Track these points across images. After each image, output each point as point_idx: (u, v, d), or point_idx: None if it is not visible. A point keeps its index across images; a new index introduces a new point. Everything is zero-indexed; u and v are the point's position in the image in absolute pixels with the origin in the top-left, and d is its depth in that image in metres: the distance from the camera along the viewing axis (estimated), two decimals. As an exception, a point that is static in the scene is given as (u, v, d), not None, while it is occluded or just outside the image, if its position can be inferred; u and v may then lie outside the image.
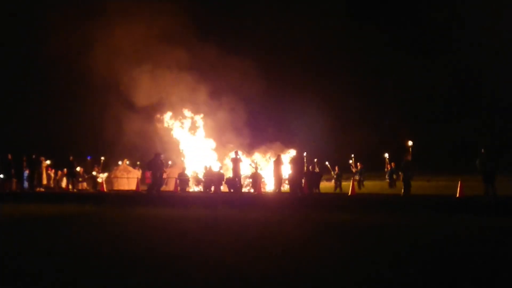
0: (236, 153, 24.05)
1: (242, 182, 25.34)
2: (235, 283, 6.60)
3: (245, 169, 27.48)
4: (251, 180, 26.01)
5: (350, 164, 30.65)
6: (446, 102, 61.36)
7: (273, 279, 6.79)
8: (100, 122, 41.59)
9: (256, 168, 25.39)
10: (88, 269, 7.47)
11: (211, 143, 32.03)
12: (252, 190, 25.72)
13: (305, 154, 25.73)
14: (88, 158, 28.89)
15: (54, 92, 47.67)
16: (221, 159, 30.59)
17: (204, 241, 9.74)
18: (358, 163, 29.23)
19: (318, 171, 26.41)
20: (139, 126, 32.33)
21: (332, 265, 7.59)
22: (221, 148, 31.67)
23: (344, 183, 27.69)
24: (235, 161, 23.27)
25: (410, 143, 25.41)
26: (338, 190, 25.82)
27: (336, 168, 27.54)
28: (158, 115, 32.90)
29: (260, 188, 23.90)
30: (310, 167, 26.08)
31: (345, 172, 29.86)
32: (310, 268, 7.38)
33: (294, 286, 6.49)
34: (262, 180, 26.27)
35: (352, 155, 30.28)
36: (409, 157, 22.19)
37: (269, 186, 26.78)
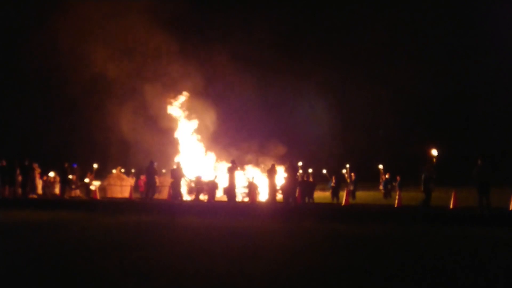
0: (233, 162, 23.99)
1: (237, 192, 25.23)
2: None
3: (241, 179, 27.45)
4: (247, 189, 25.96)
5: (344, 174, 30.59)
6: (441, 113, 61.49)
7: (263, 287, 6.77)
8: (93, 127, 41.79)
9: (252, 178, 25.34)
10: (78, 277, 7.42)
11: (210, 155, 31.99)
12: (246, 200, 25.68)
13: (300, 163, 25.69)
14: (74, 166, 28.62)
15: (48, 99, 47.73)
16: (217, 168, 30.54)
17: (195, 250, 9.71)
18: (352, 173, 29.19)
19: (312, 180, 26.40)
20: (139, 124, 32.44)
21: (324, 275, 7.57)
22: (222, 156, 31.60)
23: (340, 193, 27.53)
24: (231, 170, 23.21)
25: (434, 152, 24.79)
26: (335, 201, 25.69)
27: (333, 178, 27.44)
28: (171, 99, 32.82)
29: (254, 197, 23.85)
30: (304, 176, 26.08)
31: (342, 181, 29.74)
32: (302, 278, 7.36)
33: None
34: (257, 189, 26.19)
35: (347, 165, 30.25)
36: (431, 167, 21.47)
37: (263, 195, 26.69)
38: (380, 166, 30.05)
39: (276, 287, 6.86)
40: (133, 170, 35.73)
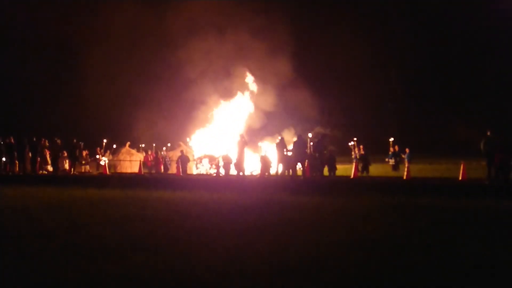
0: (241, 136, 23.90)
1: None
2: (235, 265, 6.59)
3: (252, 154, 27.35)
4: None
5: (350, 147, 30.02)
6: (451, 87, 60.72)
7: (273, 261, 6.79)
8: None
9: (265, 153, 25.18)
10: (88, 250, 7.48)
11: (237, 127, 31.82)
12: (254, 173, 25.68)
13: (310, 135, 25.33)
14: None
15: (59, 75, 47.92)
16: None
17: (203, 224, 9.75)
18: (361, 146, 28.68)
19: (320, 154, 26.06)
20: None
21: (331, 248, 7.59)
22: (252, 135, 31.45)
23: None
24: (240, 144, 23.13)
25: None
26: (365, 174, 25.26)
27: (361, 148, 26.87)
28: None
29: (263, 171, 23.77)
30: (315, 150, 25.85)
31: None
32: (308, 252, 7.38)
33: (292, 268, 6.48)
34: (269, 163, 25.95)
35: (355, 138, 29.84)
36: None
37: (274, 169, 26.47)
38: (391, 139, 29.75)
39: (282, 259, 6.89)
40: (142, 145, 35.75)
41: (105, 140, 30.56)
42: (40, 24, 43.58)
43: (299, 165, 23.01)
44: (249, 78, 33.12)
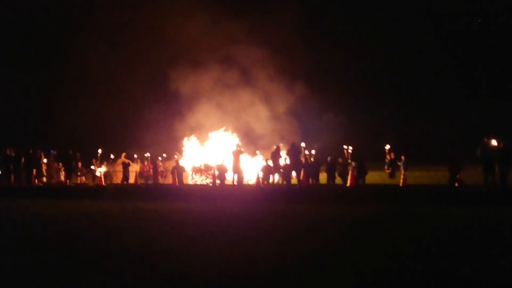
0: (237, 145, 23.92)
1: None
2: (231, 275, 6.57)
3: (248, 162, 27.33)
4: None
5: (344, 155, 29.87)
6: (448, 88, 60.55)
7: (271, 272, 6.76)
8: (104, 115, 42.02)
9: (266, 161, 25.12)
10: (84, 262, 7.44)
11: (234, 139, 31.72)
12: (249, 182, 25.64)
13: (303, 144, 25.37)
14: (51, 152, 28.48)
15: (56, 86, 47.86)
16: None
17: (200, 233, 9.72)
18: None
19: (313, 161, 26.08)
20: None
21: (327, 257, 7.57)
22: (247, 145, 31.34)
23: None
24: (235, 154, 23.13)
25: None
26: (361, 181, 25.19)
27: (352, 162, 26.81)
28: None
29: (258, 180, 23.75)
30: (309, 157, 25.83)
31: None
32: (304, 261, 7.36)
33: (289, 277, 6.46)
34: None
35: (350, 147, 29.76)
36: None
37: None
38: (387, 146, 29.73)
39: (281, 270, 6.86)
40: (136, 156, 35.65)
41: (99, 151, 30.46)
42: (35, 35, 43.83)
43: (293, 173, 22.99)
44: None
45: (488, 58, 55.71)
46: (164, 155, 33.78)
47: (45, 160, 26.71)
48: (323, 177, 26.00)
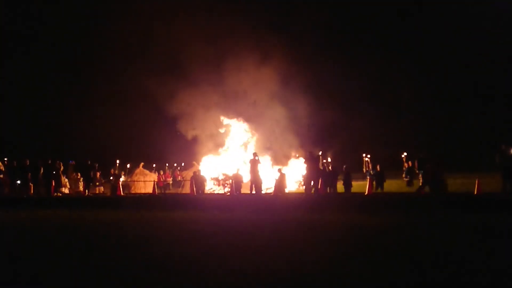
0: (254, 154, 23.97)
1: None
2: (251, 285, 6.59)
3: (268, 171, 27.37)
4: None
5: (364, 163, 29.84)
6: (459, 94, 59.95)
7: (294, 282, 6.78)
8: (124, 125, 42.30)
9: (281, 170, 25.12)
10: (103, 271, 7.52)
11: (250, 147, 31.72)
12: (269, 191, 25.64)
13: (320, 153, 25.34)
14: (70, 162, 28.70)
15: (74, 97, 48.38)
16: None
17: (218, 244, 9.75)
18: (377, 165, 28.39)
19: (331, 169, 26.00)
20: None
21: (345, 267, 7.56)
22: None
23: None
24: (253, 163, 23.18)
25: None
26: (379, 190, 25.10)
27: (378, 167, 26.69)
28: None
29: (277, 189, 23.73)
30: (327, 166, 25.78)
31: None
32: (323, 272, 7.36)
33: (309, 286, 6.47)
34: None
35: (368, 155, 29.64)
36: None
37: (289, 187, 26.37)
38: (404, 154, 29.56)
39: (296, 278, 6.87)
40: (154, 165, 35.85)
41: (118, 161, 30.70)
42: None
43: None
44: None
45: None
46: (183, 164, 33.92)
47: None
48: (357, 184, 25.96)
